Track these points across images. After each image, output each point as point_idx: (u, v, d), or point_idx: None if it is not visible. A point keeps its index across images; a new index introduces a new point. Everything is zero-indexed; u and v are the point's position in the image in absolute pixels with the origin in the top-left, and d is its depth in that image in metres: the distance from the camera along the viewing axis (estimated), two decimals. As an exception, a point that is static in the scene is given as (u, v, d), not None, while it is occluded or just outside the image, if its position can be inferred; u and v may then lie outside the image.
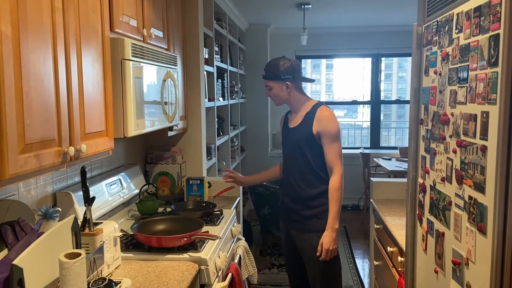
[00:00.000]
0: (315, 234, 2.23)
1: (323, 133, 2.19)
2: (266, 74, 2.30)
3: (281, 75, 2.25)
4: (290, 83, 2.26)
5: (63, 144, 1.41)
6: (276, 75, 2.26)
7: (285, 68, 2.26)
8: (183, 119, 2.90)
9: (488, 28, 1.14)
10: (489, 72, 1.13)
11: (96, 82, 1.65)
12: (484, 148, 1.15)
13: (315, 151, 2.23)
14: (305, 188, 2.26)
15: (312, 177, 2.25)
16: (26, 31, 1.23)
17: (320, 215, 2.23)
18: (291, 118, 2.39)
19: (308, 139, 2.23)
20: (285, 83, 2.26)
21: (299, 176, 2.28)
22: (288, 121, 2.41)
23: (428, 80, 1.61)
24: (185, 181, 2.72)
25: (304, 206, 2.27)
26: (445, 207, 1.43)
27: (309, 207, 2.26)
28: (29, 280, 1.18)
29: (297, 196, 2.29)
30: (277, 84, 2.27)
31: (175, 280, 1.65)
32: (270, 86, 2.30)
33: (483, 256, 1.16)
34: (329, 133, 2.19)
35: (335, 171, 2.20)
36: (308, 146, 2.23)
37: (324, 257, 2.17)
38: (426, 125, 1.64)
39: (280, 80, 2.26)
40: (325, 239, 2.17)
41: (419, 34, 1.69)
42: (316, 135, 2.21)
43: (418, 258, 1.73)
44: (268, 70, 2.29)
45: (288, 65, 2.26)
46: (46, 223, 1.59)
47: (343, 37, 5.97)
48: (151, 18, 2.25)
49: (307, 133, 2.23)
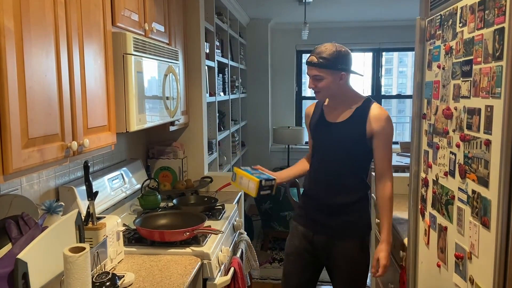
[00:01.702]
0: (352, 242, 1.98)
1: (380, 134, 1.91)
2: (319, 61, 1.90)
3: (338, 64, 1.90)
4: (345, 74, 1.93)
5: (66, 138, 1.41)
6: (333, 63, 1.89)
7: (343, 56, 1.92)
8: (184, 114, 2.90)
9: (493, 22, 1.13)
10: (493, 66, 1.13)
11: (98, 77, 1.65)
12: (488, 142, 1.15)
13: (362, 153, 1.97)
14: (344, 193, 1.97)
15: (354, 182, 1.98)
16: (28, 25, 1.22)
17: (359, 223, 2.00)
18: (329, 110, 2.04)
19: (359, 138, 1.93)
20: (340, 73, 1.92)
21: (339, 178, 1.98)
22: (325, 114, 2.05)
23: (431, 74, 1.61)
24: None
25: (341, 212, 1.98)
26: (448, 201, 1.43)
27: (347, 213, 1.98)
28: (33, 274, 1.19)
29: (334, 202, 1.98)
30: (331, 74, 1.91)
31: (178, 274, 1.66)
32: (322, 76, 1.91)
33: (487, 250, 1.16)
34: (386, 135, 1.93)
35: (388, 177, 1.95)
36: (356, 146, 1.95)
37: (381, 274, 1.91)
38: (429, 120, 1.64)
39: (336, 70, 1.90)
40: (382, 253, 1.90)
41: (422, 28, 1.69)
42: (369, 135, 1.92)
43: (420, 252, 1.74)
44: (323, 57, 1.89)
45: (345, 53, 1.93)
46: (49, 217, 1.59)
47: (344, 32, 5.95)
48: (153, 12, 2.24)
49: (359, 130, 1.93)
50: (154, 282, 1.60)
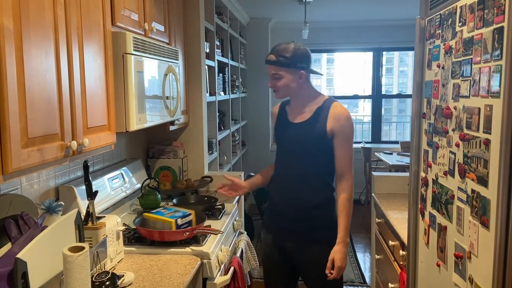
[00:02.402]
0: (320, 247, 1.93)
1: (339, 133, 1.89)
2: (278, 59, 1.89)
3: (297, 62, 1.89)
4: (304, 73, 1.92)
5: (65, 138, 1.41)
6: (291, 61, 1.88)
7: (302, 54, 1.91)
8: (184, 114, 2.90)
9: (492, 21, 1.13)
10: (492, 65, 1.13)
11: (98, 76, 1.65)
12: (488, 142, 1.15)
13: (324, 153, 1.93)
14: (309, 195, 1.94)
15: (318, 183, 1.95)
16: (28, 25, 1.22)
17: (325, 226, 1.94)
18: (292, 111, 2.03)
19: (320, 138, 1.91)
20: (299, 72, 1.91)
21: (303, 181, 1.95)
22: (288, 114, 2.05)
23: (431, 74, 1.61)
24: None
25: (306, 215, 1.95)
26: (448, 200, 1.43)
27: (312, 217, 1.94)
28: (33, 273, 1.19)
29: (299, 205, 1.96)
30: (290, 72, 1.90)
31: (178, 273, 1.66)
32: (280, 75, 1.91)
33: (486, 249, 1.16)
34: (346, 134, 1.91)
35: (347, 177, 1.92)
36: (318, 146, 1.92)
37: (336, 276, 1.87)
38: (428, 119, 1.64)
39: (295, 68, 1.90)
40: (338, 254, 1.87)
41: (421, 28, 1.69)
42: (329, 134, 1.90)
43: (420, 252, 1.74)
44: (281, 55, 1.89)
45: (304, 51, 1.92)
46: (49, 217, 1.59)
47: (345, 31, 5.95)
48: (153, 12, 2.24)
49: (319, 130, 1.90)
50: (154, 281, 1.60)
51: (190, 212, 1.98)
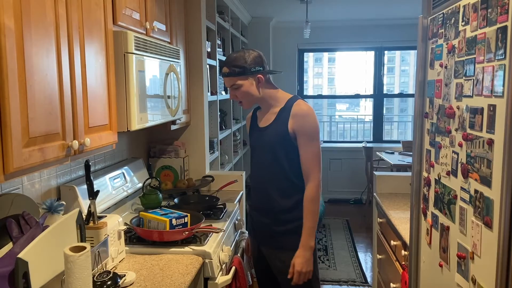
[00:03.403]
0: (292, 253, 1.88)
1: (300, 131, 1.85)
2: (231, 70, 1.88)
3: (251, 67, 1.88)
4: (261, 76, 1.90)
5: (67, 137, 1.41)
6: (245, 68, 1.87)
7: (253, 58, 1.89)
8: (186, 113, 2.89)
9: (496, 20, 1.12)
10: (496, 64, 1.12)
11: (99, 76, 1.64)
12: (491, 142, 1.14)
13: (291, 155, 1.89)
14: (278, 199, 1.92)
15: (287, 186, 1.91)
16: (29, 24, 1.22)
17: (297, 231, 1.88)
18: (260, 116, 2.02)
19: (283, 140, 1.88)
20: (256, 76, 1.89)
21: (271, 184, 1.93)
22: (257, 119, 2.03)
23: (434, 73, 1.60)
24: None
25: (277, 220, 1.93)
26: (450, 200, 1.42)
27: (283, 221, 1.92)
28: (34, 273, 1.19)
29: (269, 208, 1.95)
30: (246, 79, 1.89)
31: (179, 273, 1.66)
32: (238, 85, 1.89)
33: (489, 250, 1.16)
34: (307, 132, 1.85)
35: (311, 177, 1.86)
36: (283, 148, 1.89)
37: (296, 281, 1.85)
38: (431, 119, 1.63)
39: (250, 74, 1.88)
40: (297, 259, 1.84)
41: (424, 27, 1.68)
42: (292, 134, 1.87)
43: (422, 252, 1.73)
44: (233, 65, 1.88)
45: (255, 55, 1.90)
46: (50, 216, 1.59)
47: (346, 31, 5.94)
48: (154, 11, 2.24)
49: (281, 132, 1.88)
50: (155, 281, 1.59)
51: (186, 214, 1.98)
